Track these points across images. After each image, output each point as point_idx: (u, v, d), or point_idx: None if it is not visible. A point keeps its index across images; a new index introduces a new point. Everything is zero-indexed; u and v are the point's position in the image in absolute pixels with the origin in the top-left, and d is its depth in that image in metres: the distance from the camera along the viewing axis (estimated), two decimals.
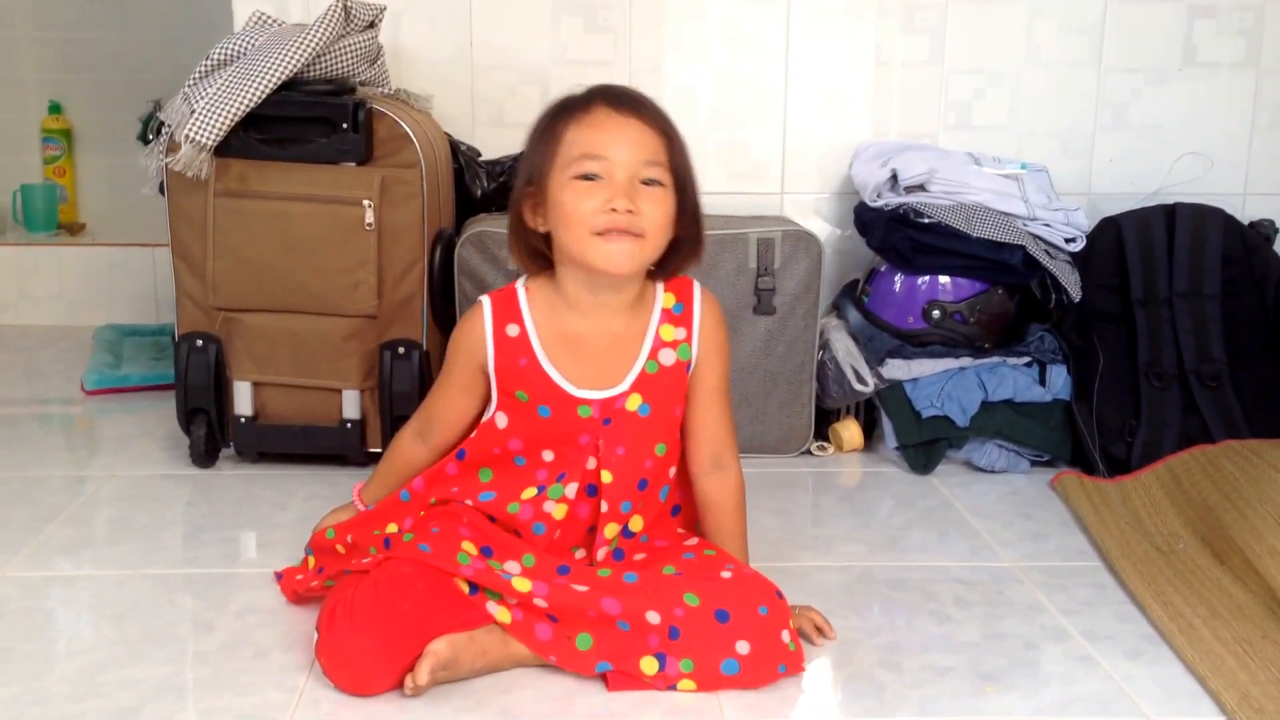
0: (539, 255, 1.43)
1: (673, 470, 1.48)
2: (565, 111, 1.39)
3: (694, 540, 1.48)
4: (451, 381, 1.47)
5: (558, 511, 1.43)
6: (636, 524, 1.45)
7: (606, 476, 1.42)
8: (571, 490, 1.43)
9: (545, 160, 1.38)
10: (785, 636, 1.32)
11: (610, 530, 1.44)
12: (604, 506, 1.43)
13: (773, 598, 1.34)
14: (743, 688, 1.30)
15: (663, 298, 1.45)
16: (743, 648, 1.30)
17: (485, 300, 1.45)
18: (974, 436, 2.01)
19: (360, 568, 1.37)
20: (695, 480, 1.48)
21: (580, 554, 1.46)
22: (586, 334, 1.42)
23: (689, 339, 1.44)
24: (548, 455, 1.43)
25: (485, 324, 1.43)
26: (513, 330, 1.42)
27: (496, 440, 1.44)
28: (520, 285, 1.45)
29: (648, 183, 1.36)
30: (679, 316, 1.44)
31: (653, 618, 1.30)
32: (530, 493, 1.43)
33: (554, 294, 1.43)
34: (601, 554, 1.44)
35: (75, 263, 3.00)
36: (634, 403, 1.42)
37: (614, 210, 1.34)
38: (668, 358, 1.43)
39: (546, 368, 1.41)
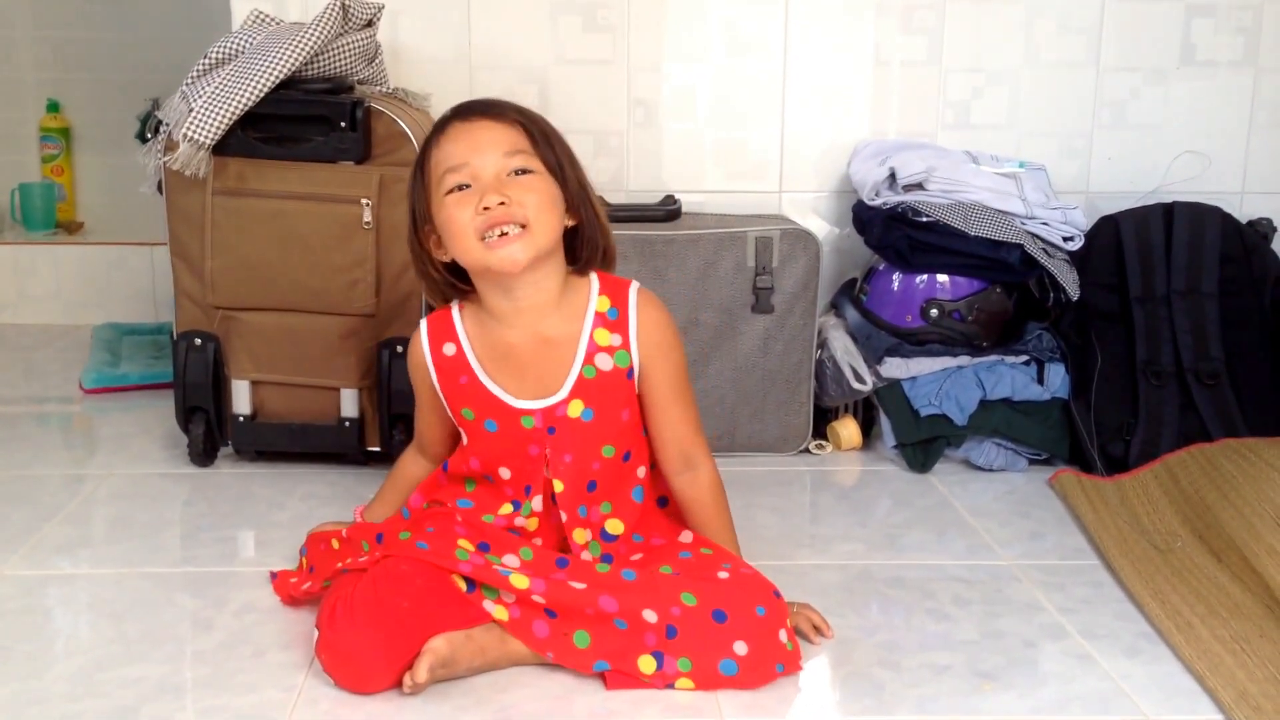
0: (452, 286, 1.46)
1: (642, 470, 1.48)
2: (427, 144, 1.43)
3: (689, 537, 1.48)
4: (421, 403, 1.53)
5: (530, 524, 1.45)
6: (615, 527, 1.45)
7: (558, 485, 1.43)
8: (538, 503, 1.44)
9: (422, 194, 1.42)
10: (782, 636, 1.32)
11: (580, 536, 1.44)
12: (563, 516, 1.44)
13: (770, 597, 1.34)
14: (741, 688, 1.30)
15: (597, 300, 1.44)
16: (740, 648, 1.30)
17: (422, 323, 1.49)
18: (972, 435, 2.01)
19: (356, 565, 1.37)
20: (669, 480, 1.49)
21: (563, 562, 1.45)
22: (518, 343, 1.43)
23: (626, 345, 1.43)
24: (505, 472, 1.44)
25: (423, 345, 1.47)
26: (449, 349, 1.45)
27: (464, 459, 1.48)
28: (455, 306, 1.48)
29: (519, 173, 1.38)
30: (614, 322, 1.43)
31: (650, 616, 1.30)
32: (507, 509, 1.45)
33: (480, 310, 1.45)
34: (587, 558, 1.44)
35: (73, 261, 2.99)
36: (575, 409, 1.42)
37: (488, 209, 1.35)
38: (605, 363, 1.43)
39: (485, 382, 1.43)
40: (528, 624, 1.32)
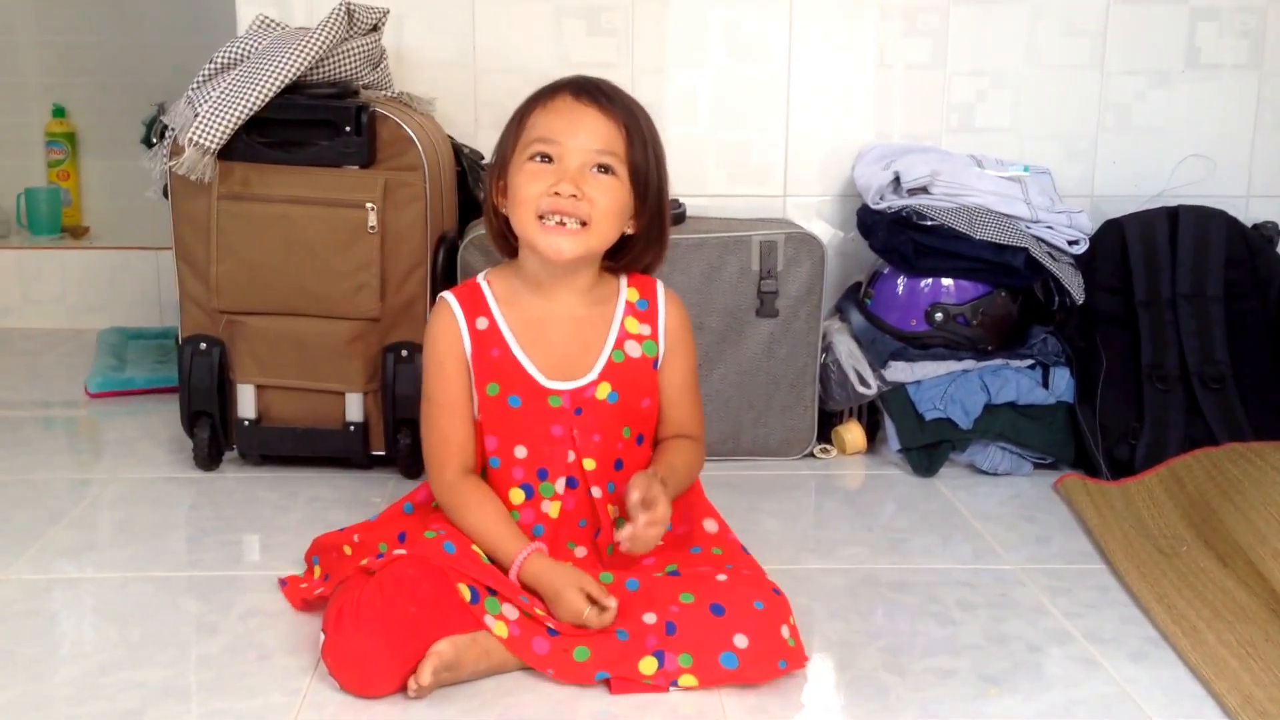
0: (503, 238, 1.47)
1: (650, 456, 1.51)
2: (533, 99, 1.44)
3: (714, 526, 1.51)
4: (457, 391, 1.44)
5: (553, 510, 1.44)
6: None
7: (589, 463, 1.43)
8: (560, 486, 1.44)
9: (509, 145, 1.43)
10: (784, 632, 1.32)
11: (612, 511, 1.45)
12: (595, 492, 1.44)
13: (769, 594, 1.34)
14: (743, 682, 1.30)
15: (627, 291, 1.48)
16: (740, 641, 1.30)
17: (449, 296, 1.47)
18: (977, 439, 2.01)
19: (373, 564, 1.37)
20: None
21: (581, 551, 1.46)
22: (550, 318, 1.44)
23: (654, 335, 1.47)
24: (520, 451, 1.44)
25: (458, 315, 1.45)
26: (482, 323, 1.45)
27: (479, 440, 1.46)
28: (481, 279, 1.48)
29: (602, 170, 1.38)
30: (644, 313, 1.48)
31: (649, 619, 1.31)
32: (519, 497, 1.44)
33: (515, 278, 1.46)
34: (617, 534, 1.42)
35: (79, 266, 3.00)
36: (603, 391, 1.44)
37: (558, 194, 1.36)
38: (634, 350, 1.46)
39: (519, 356, 1.43)
40: (527, 641, 1.32)
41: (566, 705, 1.28)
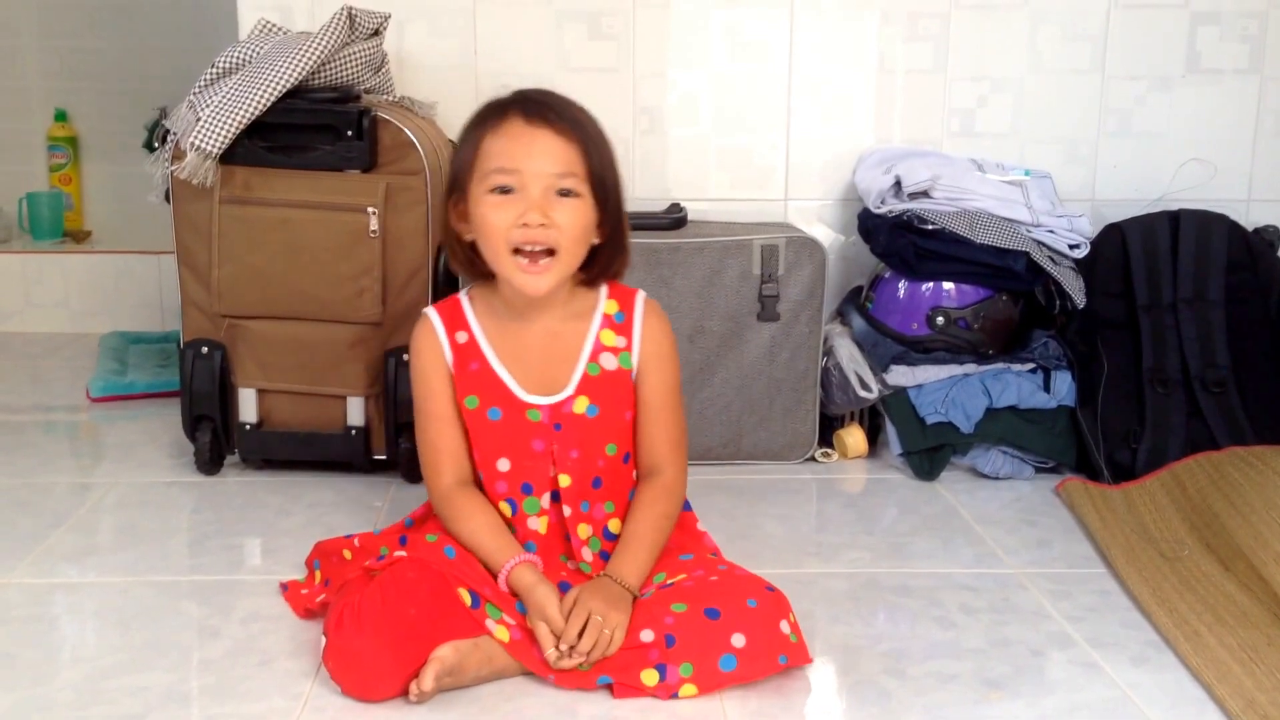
0: (471, 263, 1.46)
1: (635, 474, 1.50)
2: (484, 120, 1.41)
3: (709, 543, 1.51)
4: (444, 402, 1.45)
5: (541, 525, 1.45)
6: (617, 526, 1.46)
7: (564, 480, 1.44)
8: (545, 501, 1.44)
9: (466, 169, 1.41)
10: (784, 627, 1.32)
11: (583, 531, 1.45)
12: (566, 510, 1.44)
13: (762, 591, 1.34)
14: (744, 681, 1.30)
15: (605, 304, 1.48)
16: (738, 640, 1.29)
17: (430, 311, 1.48)
18: (978, 443, 2.01)
19: (374, 566, 1.38)
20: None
21: (572, 565, 1.46)
22: (527, 333, 1.45)
23: (629, 347, 1.46)
24: (503, 464, 1.44)
25: (438, 330, 1.46)
26: (461, 337, 1.46)
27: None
28: (463, 295, 1.49)
29: (564, 193, 1.38)
30: (620, 325, 1.47)
31: (647, 636, 1.30)
32: (505, 511, 1.45)
33: (493, 297, 1.46)
34: (587, 554, 1.45)
35: (81, 270, 3.00)
36: (581, 405, 1.44)
37: (526, 225, 1.36)
38: (609, 362, 1.45)
39: (498, 369, 1.44)
40: (529, 645, 1.32)
41: (568, 710, 1.28)
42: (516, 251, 1.38)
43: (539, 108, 1.40)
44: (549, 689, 1.31)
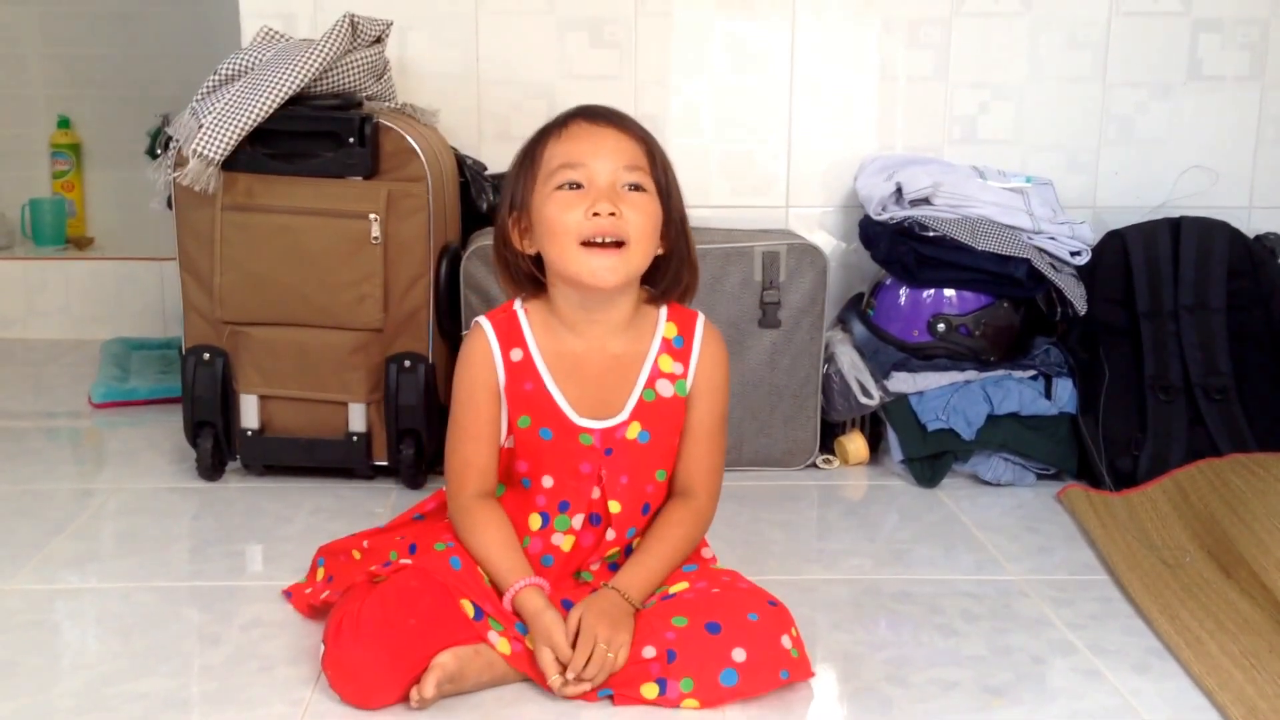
0: (529, 279, 1.43)
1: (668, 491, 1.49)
2: (544, 134, 1.41)
3: (708, 553, 1.50)
4: (486, 419, 1.42)
5: (565, 544, 1.43)
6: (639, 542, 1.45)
7: (615, 506, 1.42)
8: (578, 521, 1.43)
9: (527, 182, 1.39)
10: (786, 642, 1.31)
11: (612, 553, 1.45)
12: (610, 534, 1.43)
13: (764, 605, 1.33)
14: (745, 697, 1.30)
15: (664, 327, 1.44)
16: (739, 655, 1.29)
17: (485, 322, 1.43)
18: (980, 450, 2.01)
19: (380, 572, 1.37)
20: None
21: (589, 577, 1.46)
22: (584, 355, 1.42)
23: (685, 374, 1.44)
24: (547, 481, 1.43)
25: (492, 346, 1.42)
26: (516, 355, 1.42)
27: (506, 461, 1.45)
28: (519, 306, 1.45)
29: (631, 188, 1.37)
30: (679, 350, 1.44)
31: (648, 653, 1.30)
32: (536, 523, 1.44)
33: (549, 314, 1.43)
34: (594, 565, 1.45)
35: (83, 276, 3.01)
36: (634, 431, 1.42)
37: (597, 215, 1.34)
38: (665, 389, 1.43)
39: (553, 391, 1.41)
40: (530, 658, 1.32)
41: (570, 716, 1.28)
42: (586, 245, 1.35)
43: (603, 111, 1.41)
44: (549, 696, 1.31)
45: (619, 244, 1.35)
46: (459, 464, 1.44)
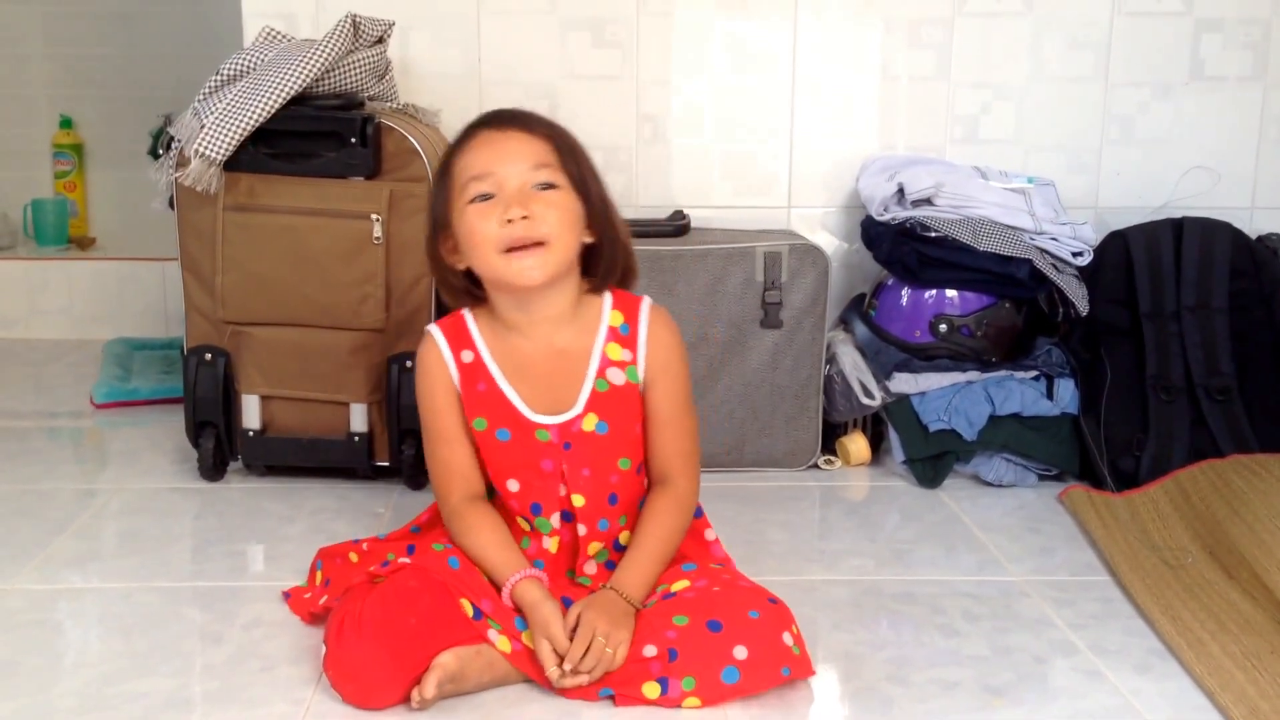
0: (467, 292, 1.45)
1: (646, 482, 1.49)
2: (451, 149, 1.42)
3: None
4: (444, 431, 1.44)
5: (552, 545, 1.44)
6: (627, 538, 1.45)
7: (579, 500, 1.43)
8: (555, 520, 1.44)
9: (445, 200, 1.41)
10: (787, 639, 1.32)
11: (593, 547, 1.45)
12: (581, 530, 1.43)
13: (764, 603, 1.34)
14: (746, 694, 1.30)
15: (610, 315, 1.45)
16: (740, 653, 1.29)
17: (434, 329, 1.46)
18: (981, 450, 2.01)
19: (378, 572, 1.37)
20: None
21: (574, 579, 1.46)
22: (533, 352, 1.43)
23: (635, 361, 1.44)
24: (513, 485, 1.44)
25: (443, 350, 1.44)
26: (467, 356, 1.44)
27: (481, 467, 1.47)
28: (466, 312, 1.47)
29: (543, 187, 1.37)
30: (625, 337, 1.44)
31: (649, 651, 1.30)
32: (525, 527, 1.45)
33: (494, 319, 1.45)
34: (591, 567, 1.45)
35: (85, 277, 3.01)
36: (590, 423, 1.42)
37: (510, 222, 1.35)
38: (616, 377, 1.43)
39: (505, 390, 1.42)
40: (530, 655, 1.32)
41: (571, 716, 1.28)
42: (508, 252, 1.36)
43: (505, 115, 1.42)
44: (551, 696, 1.31)
45: (541, 244, 1.36)
46: (440, 470, 1.46)
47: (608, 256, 1.44)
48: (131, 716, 1.27)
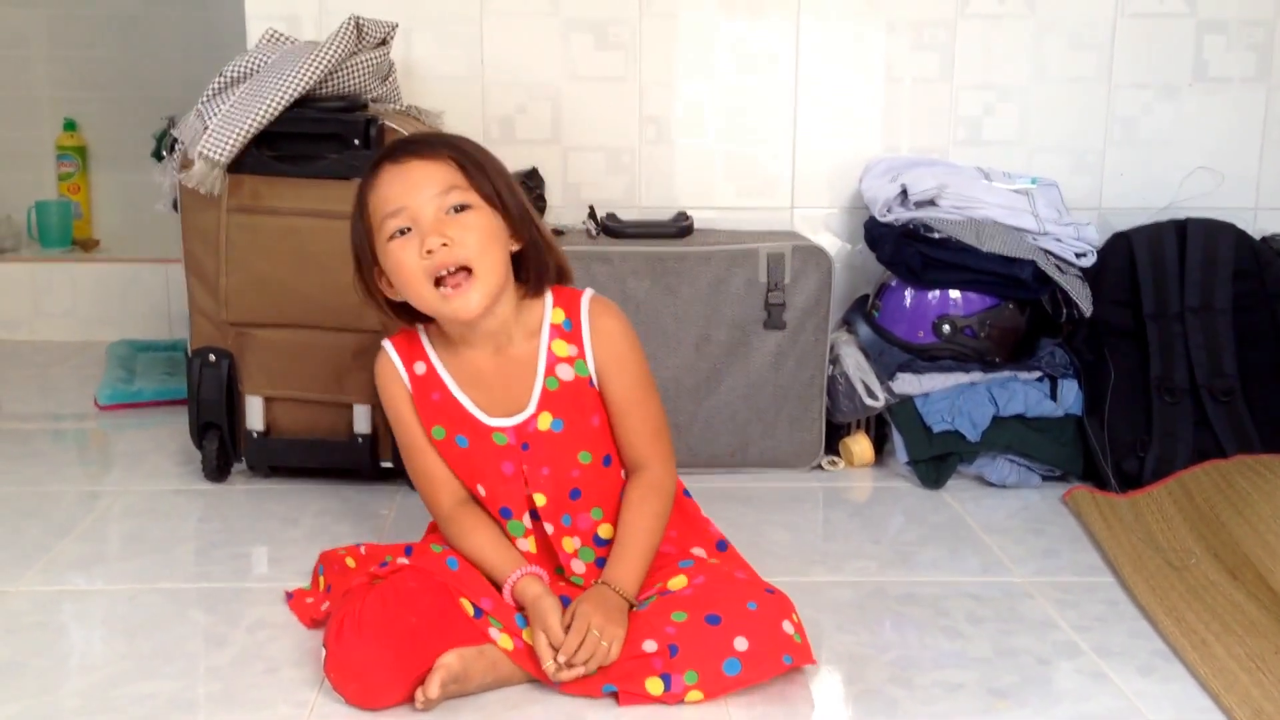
0: (410, 319, 1.46)
1: (624, 473, 1.48)
2: (361, 188, 1.42)
3: (701, 552, 1.49)
4: (416, 430, 1.46)
5: (531, 546, 1.44)
6: (608, 531, 1.46)
7: (540, 499, 1.43)
8: (527, 520, 1.44)
9: (364, 236, 1.41)
10: (788, 628, 1.32)
11: (570, 544, 1.45)
12: (548, 528, 1.44)
13: (761, 594, 1.34)
14: (749, 684, 1.30)
15: (551, 313, 1.45)
16: (741, 644, 1.29)
17: (387, 344, 1.47)
18: (985, 451, 2.01)
19: (377, 573, 1.38)
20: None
21: (564, 579, 1.46)
22: (483, 362, 1.44)
23: (582, 354, 1.44)
24: (481, 490, 1.44)
25: (396, 363, 1.45)
26: (420, 368, 1.45)
27: None
28: (419, 326, 1.47)
29: (457, 210, 1.37)
30: (569, 333, 1.44)
31: (650, 647, 1.30)
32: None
33: (441, 334, 1.45)
34: (578, 566, 1.45)
35: (89, 279, 3.01)
36: (545, 421, 1.43)
37: (431, 252, 1.34)
38: (566, 373, 1.43)
39: (459, 397, 1.43)
40: (531, 653, 1.32)
41: (575, 716, 1.28)
42: (437, 284, 1.36)
43: (401, 146, 1.42)
44: (554, 696, 1.31)
45: (467, 269, 1.36)
46: (422, 481, 1.47)
47: (535, 261, 1.44)
48: (136, 718, 1.27)
